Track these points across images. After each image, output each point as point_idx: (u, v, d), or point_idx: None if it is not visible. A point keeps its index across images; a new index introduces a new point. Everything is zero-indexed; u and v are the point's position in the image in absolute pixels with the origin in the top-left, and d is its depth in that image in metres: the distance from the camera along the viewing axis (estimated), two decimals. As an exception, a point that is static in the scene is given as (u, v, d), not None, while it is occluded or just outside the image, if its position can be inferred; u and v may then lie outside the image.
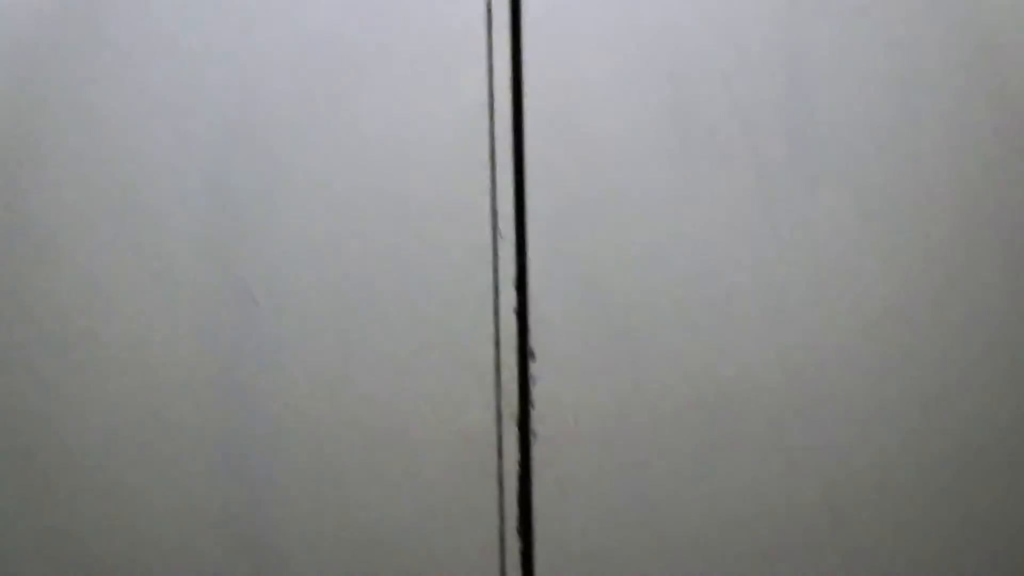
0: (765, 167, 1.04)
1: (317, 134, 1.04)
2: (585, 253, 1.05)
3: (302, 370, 1.04)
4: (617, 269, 1.05)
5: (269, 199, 1.04)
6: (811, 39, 1.04)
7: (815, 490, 1.03)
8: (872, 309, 1.05)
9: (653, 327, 1.06)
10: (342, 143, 1.04)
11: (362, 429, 1.04)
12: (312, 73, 1.04)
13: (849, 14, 1.03)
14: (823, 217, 1.04)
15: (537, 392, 1.06)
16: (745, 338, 1.06)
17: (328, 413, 1.04)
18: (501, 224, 1.05)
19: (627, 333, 1.06)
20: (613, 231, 1.05)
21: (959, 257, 1.05)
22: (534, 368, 1.06)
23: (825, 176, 1.04)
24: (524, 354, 1.06)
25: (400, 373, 1.05)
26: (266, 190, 1.04)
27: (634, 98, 1.04)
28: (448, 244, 1.04)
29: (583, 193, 1.05)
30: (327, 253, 1.04)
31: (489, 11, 1.03)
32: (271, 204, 1.04)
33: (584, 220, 1.05)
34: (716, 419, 1.06)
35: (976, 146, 1.05)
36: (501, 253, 1.05)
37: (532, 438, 1.06)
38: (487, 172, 1.04)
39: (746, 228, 1.05)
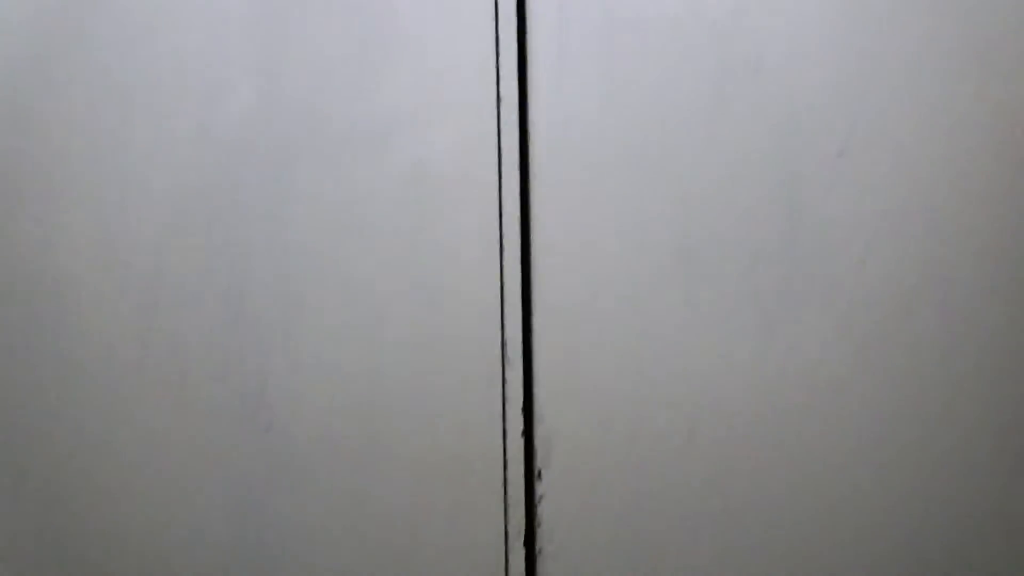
0: (760, 296, 1.09)
1: (335, 266, 1.09)
2: (590, 379, 1.09)
3: (317, 490, 1.08)
4: (621, 394, 1.10)
5: (287, 320, 1.09)
6: (803, 175, 1.09)
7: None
8: (861, 418, 1.09)
9: (657, 447, 1.10)
10: (355, 275, 1.09)
11: (373, 547, 1.08)
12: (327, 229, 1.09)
13: (833, 152, 1.08)
14: (808, 323, 1.08)
15: (543, 510, 1.10)
16: (747, 454, 1.10)
17: (340, 531, 1.09)
18: (509, 351, 1.09)
19: (631, 453, 1.10)
20: (618, 359, 1.09)
21: (936, 368, 1.08)
22: (540, 487, 1.10)
23: (810, 290, 1.08)
24: (530, 474, 1.10)
25: (413, 493, 1.10)
26: (284, 312, 1.09)
27: (640, 237, 1.09)
28: (459, 370, 1.09)
29: (588, 323, 1.09)
30: (343, 378, 1.09)
31: (500, 173, 1.08)
32: (289, 325, 1.09)
33: (589, 349, 1.09)
34: (722, 533, 1.10)
35: (951, 276, 1.10)
36: (509, 378, 1.09)
37: (538, 555, 1.09)
38: (497, 303, 1.09)
39: (744, 353, 1.09)
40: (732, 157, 1.08)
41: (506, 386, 1.10)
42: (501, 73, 1.08)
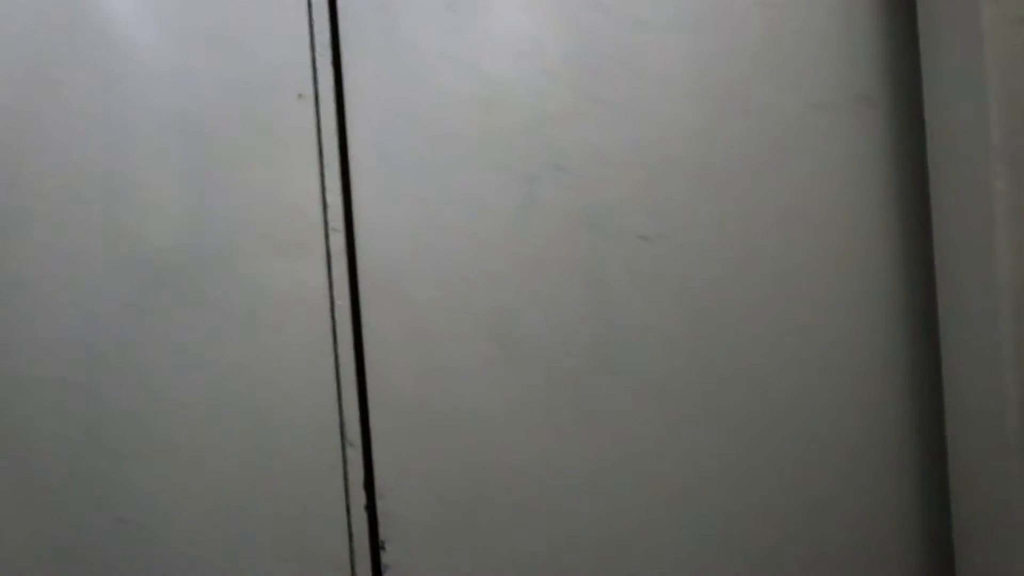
0: (577, 377, 1.19)
1: (182, 365, 1.18)
2: (426, 457, 1.19)
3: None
4: (455, 470, 1.19)
5: (138, 425, 1.18)
6: (610, 265, 1.20)
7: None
8: (676, 479, 1.21)
9: (492, 514, 1.20)
10: (203, 374, 1.18)
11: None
12: (157, 311, 1.18)
13: (637, 242, 1.19)
14: (624, 398, 1.19)
15: (389, 579, 1.19)
16: (576, 518, 1.20)
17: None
18: (349, 434, 1.19)
19: (470, 525, 1.20)
20: (450, 437, 1.19)
21: (745, 435, 1.22)
22: (385, 557, 1.19)
23: (623, 367, 1.19)
24: (375, 545, 1.20)
25: (263, 571, 1.18)
26: (140, 417, 1.18)
27: (463, 328, 1.18)
28: (302, 453, 1.18)
29: (423, 408, 1.19)
30: (198, 471, 1.18)
31: (329, 265, 1.18)
32: (145, 431, 1.18)
33: (424, 428, 1.19)
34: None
35: (753, 349, 1.21)
36: (350, 458, 1.19)
37: (386, 622, 1.19)
38: (333, 390, 1.18)
39: (565, 417, 1.19)
40: (540, 253, 1.18)
41: (348, 466, 1.20)
42: (328, 199, 1.18)
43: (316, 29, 1.14)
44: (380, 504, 1.19)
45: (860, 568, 1.24)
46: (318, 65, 1.14)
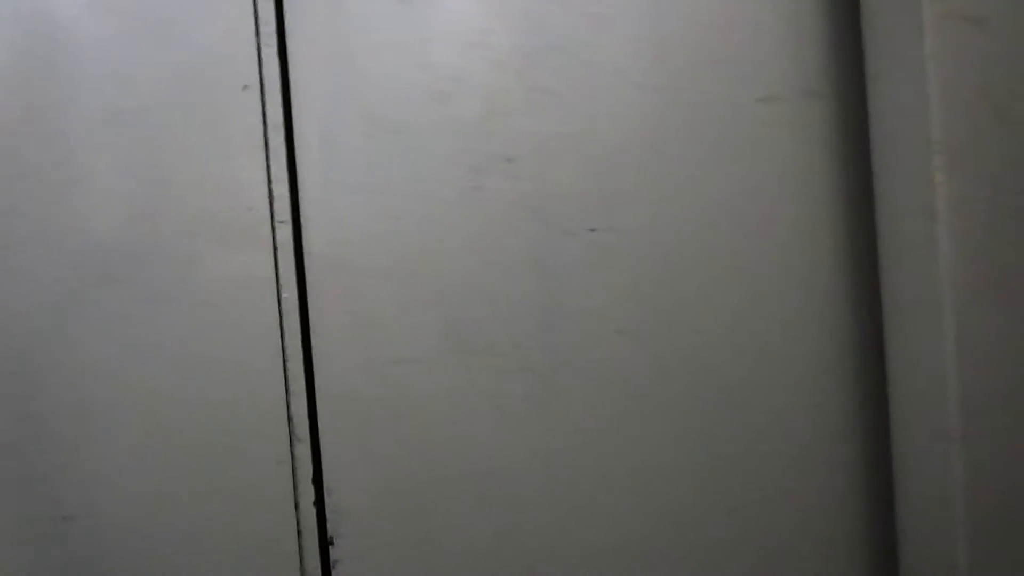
0: (528, 368, 1.19)
1: (126, 359, 1.16)
2: (376, 451, 1.18)
3: (116, 573, 1.15)
4: (406, 464, 1.19)
5: (84, 423, 1.15)
6: (558, 255, 1.20)
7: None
8: (629, 466, 1.22)
9: (442, 507, 1.19)
10: (147, 368, 1.16)
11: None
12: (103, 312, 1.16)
13: (585, 233, 1.20)
14: (574, 390, 1.20)
15: (338, 575, 1.18)
16: (525, 511, 1.20)
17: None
18: (297, 429, 1.17)
19: (420, 518, 1.19)
20: (400, 432, 1.18)
21: (692, 423, 1.23)
22: (334, 552, 1.18)
23: (572, 357, 1.20)
24: (324, 542, 1.18)
25: (216, 570, 1.16)
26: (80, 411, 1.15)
27: (412, 321, 1.17)
28: (250, 448, 1.17)
29: (372, 400, 1.18)
30: (143, 468, 1.15)
31: (276, 257, 1.16)
32: (86, 426, 1.15)
33: (373, 421, 1.18)
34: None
35: (700, 339, 1.22)
36: (298, 453, 1.18)
37: (335, 619, 1.18)
38: (281, 384, 1.17)
39: (515, 409, 1.19)
40: (489, 244, 1.18)
41: (296, 461, 1.18)
42: (274, 191, 1.17)
43: (262, 19, 1.13)
44: (329, 499, 1.18)
45: (807, 555, 1.26)
46: (264, 55, 1.13)
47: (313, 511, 1.18)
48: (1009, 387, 1.13)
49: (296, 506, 1.17)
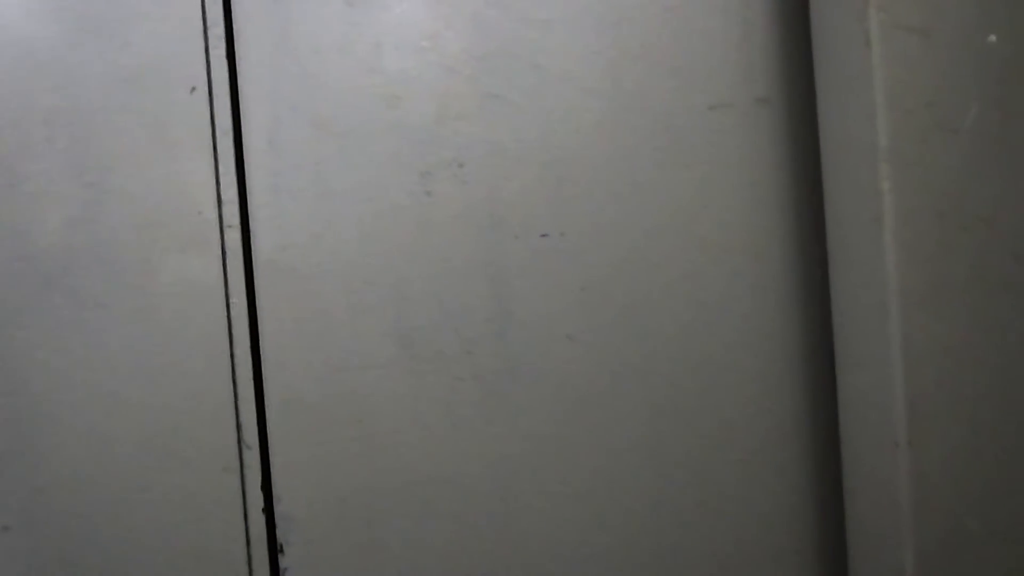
0: (479, 374, 1.19)
1: (70, 366, 1.14)
2: (325, 459, 1.17)
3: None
4: (355, 471, 1.18)
5: (26, 429, 1.13)
6: (509, 261, 1.20)
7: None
8: (578, 473, 1.22)
9: (393, 515, 1.19)
10: (93, 375, 1.14)
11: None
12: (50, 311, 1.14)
13: (536, 239, 1.20)
14: (526, 397, 1.20)
15: (287, 583, 1.17)
16: (477, 518, 1.20)
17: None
18: (246, 436, 1.16)
19: (369, 523, 1.18)
20: (349, 439, 1.17)
21: (644, 426, 1.23)
22: (283, 561, 1.17)
23: (523, 364, 1.20)
24: (273, 548, 1.17)
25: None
26: (22, 419, 1.13)
27: (362, 328, 1.17)
28: (198, 455, 1.15)
29: (322, 407, 1.17)
30: (88, 476, 1.13)
31: (224, 263, 1.15)
32: (29, 435, 1.13)
33: (323, 428, 1.17)
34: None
35: (652, 344, 1.22)
36: (247, 460, 1.16)
37: (284, 628, 1.16)
38: (230, 390, 1.16)
39: (467, 417, 1.19)
40: (440, 250, 1.18)
41: (245, 468, 1.17)
42: (223, 195, 1.15)
43: (209, 21, 1.12)
44: (278, 506, 1.17)
45: (757, 560, 1.27)
46: (212, 58, 1.12)
47: (262, 518, 1.17)
48: (954, 393, 1.14)
49: (245, 514, 1.16)
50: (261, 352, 1.15)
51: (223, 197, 1.13)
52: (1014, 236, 1.14)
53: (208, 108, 1.12)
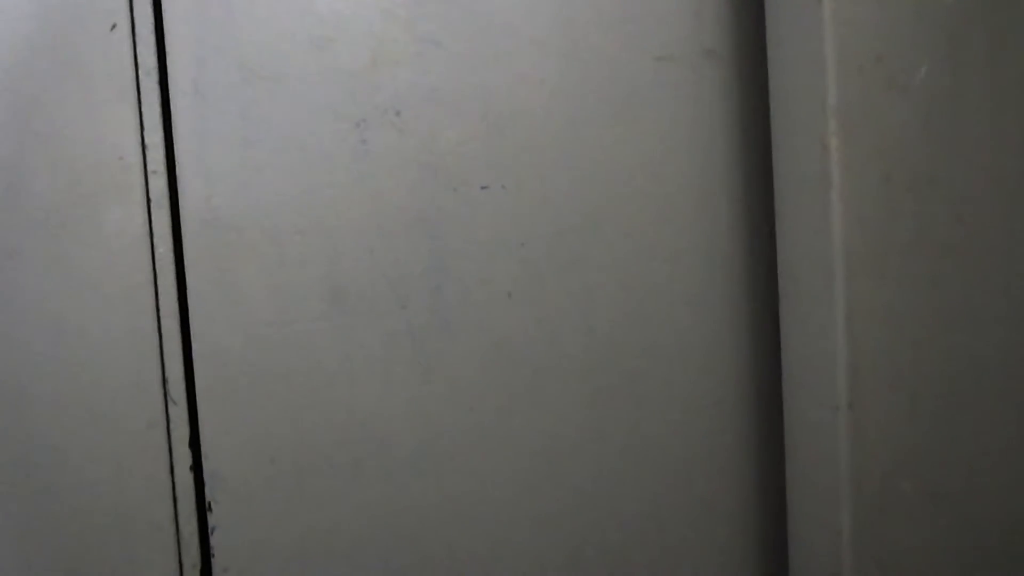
0: (414, 331, 1.16)
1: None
2: (253, 416, 1.14)
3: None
4: (285, 429, 1.15)
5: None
6: (447, 214, 1.16)
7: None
8: (516, 434, 1.20)
9: (323, 473, 1.16)
10: (10, 326, 1.10)
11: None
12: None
13: (476, 191, 1.16)
14: (462, 355, 1.17)
15: (216, 541, 1.14)
16: (407, 477, 1.18)
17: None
18: (172, 392, 1.12)
19: (299, 485, 1.16)
20: (278, 396, 1.14)
21: (583, 386, 1.21)
22: (212, 519, 1.14)
23: (460, 320, 1.17)
24: (202, 506, 1.14)
25: (83, 536, 1.11)
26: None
27: (291, 281, 1.13)
28: (121, 411, 1.11)
29: (251, 362, 1.13)
30: (5, 430, 1.09)
31: (149, 210, 1.10)
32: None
33: (249, 388, 1.14)
34: (392, 559, 1.17)
35: (593, 302, 1.20)
36: (173, 416, 1.13)
37: (214, 586, 1.14)
38: (155, 344, 1.12)
39: (400, 374, 1.16)
40: (375, 201, 1.14)
41: (171, 424, 1.13)
42: (147, 139, 1.10)
43: (131, -48, 1.06)
44: (206, 464, 1.13)
45: (694, 521, 1.26)
46: (134, -8, 1.06)
47: (190, 476, 1.14)
48: (896, 357, 1.14)
49: (171, 471, 1.13)
50: (188, 305, 1.11)
51: (147, 142, 1.08)
52: (959, 198, 1.12)
53: (131, 47, 1.07)
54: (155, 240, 1.10)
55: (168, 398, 1.12)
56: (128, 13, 1.07)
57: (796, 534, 1.23)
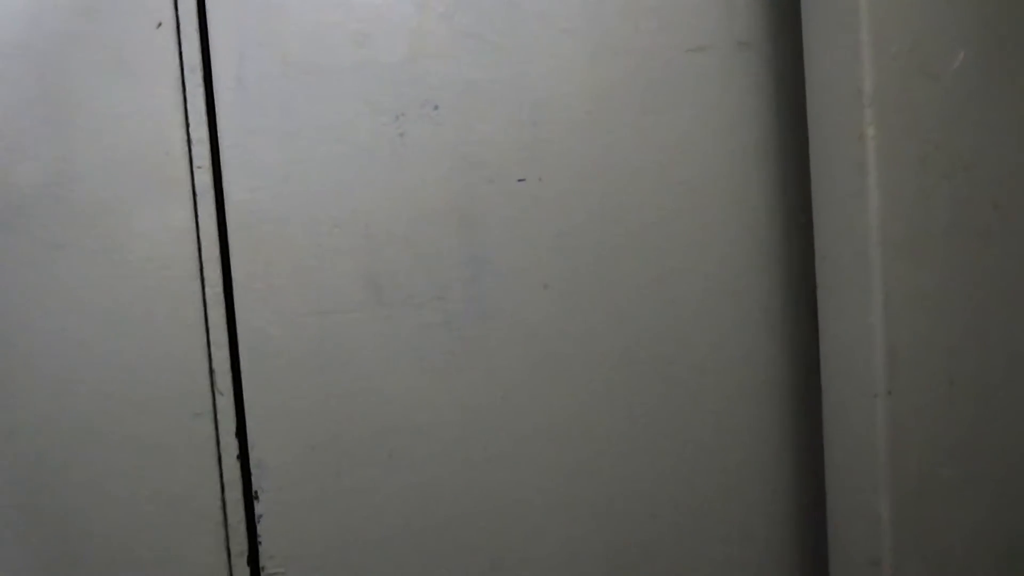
0: (451, 320, 1.18)
1: (38, 308, 1.12)
2: (296, 406, 1.16)
3: (40, 533, 1.12)
4: (325, 417, 1.17)
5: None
6: (484, 206, 1.17)
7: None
8: (550, 422, 1.21)
9: (364, 460, 1.18)
10: (61, 318, 1.12)
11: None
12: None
13: (512, 183, 1.17)
14: (498, 345, 1.18)
15: (263, 529, 1.17)
16: (445, 464, 1.19)
17: (61, 566, 1.12)
18: (219, 382, 1.15)
19: (339, 472, 1.18)
20: (320, 386, 1.16)
21: (613, 373, 1.22)
22: (258, 507, 1.16)
23: (496, 311, 1.18)
24: (248, 494, 1.17)
25: (134, 523, 1.14)
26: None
27: (332, 272, 1.15)
28: (171, 402, 1.14)
29: (292, 351, 1.15)
30: (59, 419, 1.12)
31: (195, 204, 1.13)
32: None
33: (294, 373, 1.16)
34: (427, 541, 1.19)
35: (626, 291, 1.21)
36: (220, 406, 1.15)
37: (262, 574, 1.16)
38: (202, 335, 1.14)
39: (437, 363, 1.18)
40: (413, 193, 1.16)
41: (218, 414, 1.16)
42: (192, 135, 1.12)
43: (176, -48, 1.09)
44: (252, 453, 1.16)
45: (732, 509, 1.27)
46: (178, -10, 1.09)
47: (237, 465, 1.16)
48: (933, 343, 1.13)
49: (219, 460, 1.15)
50: (234, 296, 1.14)
51: (193, 137, 1.11)
52: (994, 183, 1.12)
53: (176, 44, 1.09)
54: (201, 233, 1.12)
55: (215, 389, 1.14)
56: (173, 11, 1.09)
57: (835, 521, 1.23)
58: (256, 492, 1.16)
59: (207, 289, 1.13)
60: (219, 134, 1.11)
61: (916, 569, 1.13)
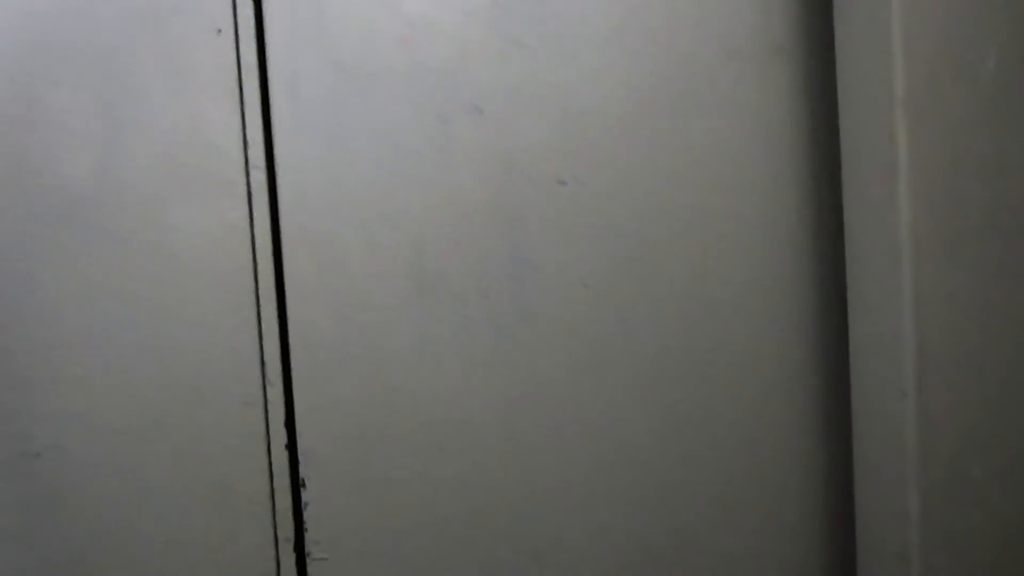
0: (495, 315, 1.22)
1: (94, 301, 1.17)
2: (345, 396, 1.20)
3: (87, 516, 1.17)
4: (374, 408, 1.21)
5: (49, 359, 1.17)
6: (526, 206, 1.21)
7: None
8: (589, 417, 1.25)
9: (409, 451, 1.22)
10: (118, 311, 1.17)
11: (149, 565, 1.17)
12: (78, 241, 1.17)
13: (554, 185, 1.21)
14: (540, 342, 1.23)
15: (309, 516, 1.21)
16: (488, 457, 1.23)
17: (114, 550, 1.17)
18: (269, 372, 1.19)
19: (387, 462, 1.22)
20: (368, 377, 1.20)
21: (652, 367, 1.26)
22: (305, 495, 1.21)
23: (537, 308, 1.23)
24: (296, 484, 1.21)
25: (184, 509, 1.18)
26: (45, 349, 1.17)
27: (380, 268, 1.19)
28: (222, 391, 1.19)
29: (340, 344, 1.20)
30: (113, 409, 1.17)
31: (250, 202, 1.17)
32: (51, 364, 1.17)
33: (342, 368, 1.20)
34: (472, 533, 1.23)
35: (664, 289, 1.24)
36: (270, 396, 1.20)
37: (308, 559, 1.20)
38: (254, 328, 1.19)
39: (481, 359, 1.22)
40: (458, 194, 1.20)
41: (268, 404, 1.20)
42: (248, 136, 1.17)
43: (235, -38, 1.14)
44: (300, 442, 1.20)
45: (765, 503, 1.29)
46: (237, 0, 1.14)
47: (285, 454, 1.20)
48: (963, 342, 1.15)
49: (268, 449, 1.20)
50: (285, 290, 1.18)
51: (249, 138, 1.15)
52: (1026, 185, 1.14)
53: (234, 49, 1.14)
54: (255, 230, 1.17)
55: (265, 379, 1.19)
56: (232, 17, 1.14)
57: (864, 517, 1.25)
58: (303, 480, 1.20)
59: (260, 284, 1.18)
60: (273, 135, 1.16)
61: (944, 564, 1.15)
